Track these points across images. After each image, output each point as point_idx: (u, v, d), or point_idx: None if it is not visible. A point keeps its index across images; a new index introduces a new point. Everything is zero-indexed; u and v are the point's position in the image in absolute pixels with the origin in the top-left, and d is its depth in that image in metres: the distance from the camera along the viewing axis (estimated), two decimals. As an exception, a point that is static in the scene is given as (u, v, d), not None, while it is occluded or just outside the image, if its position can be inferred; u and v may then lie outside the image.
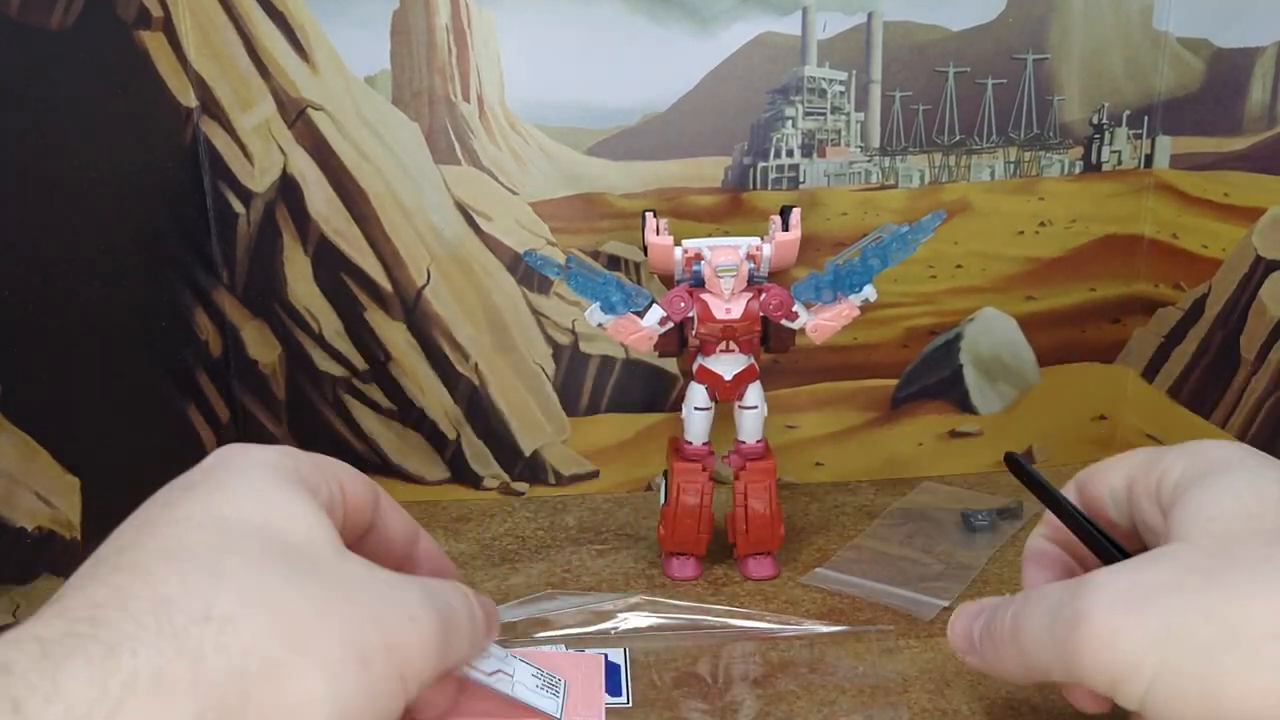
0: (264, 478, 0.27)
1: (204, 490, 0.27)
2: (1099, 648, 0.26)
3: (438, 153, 0.61)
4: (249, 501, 0.26)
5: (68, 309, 0.53)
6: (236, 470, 0.28)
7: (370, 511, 0.32)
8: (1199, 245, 0.61)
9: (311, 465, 0.29)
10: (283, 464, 0.28)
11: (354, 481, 0.31)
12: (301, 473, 0.29)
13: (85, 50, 0.53)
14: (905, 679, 0.44)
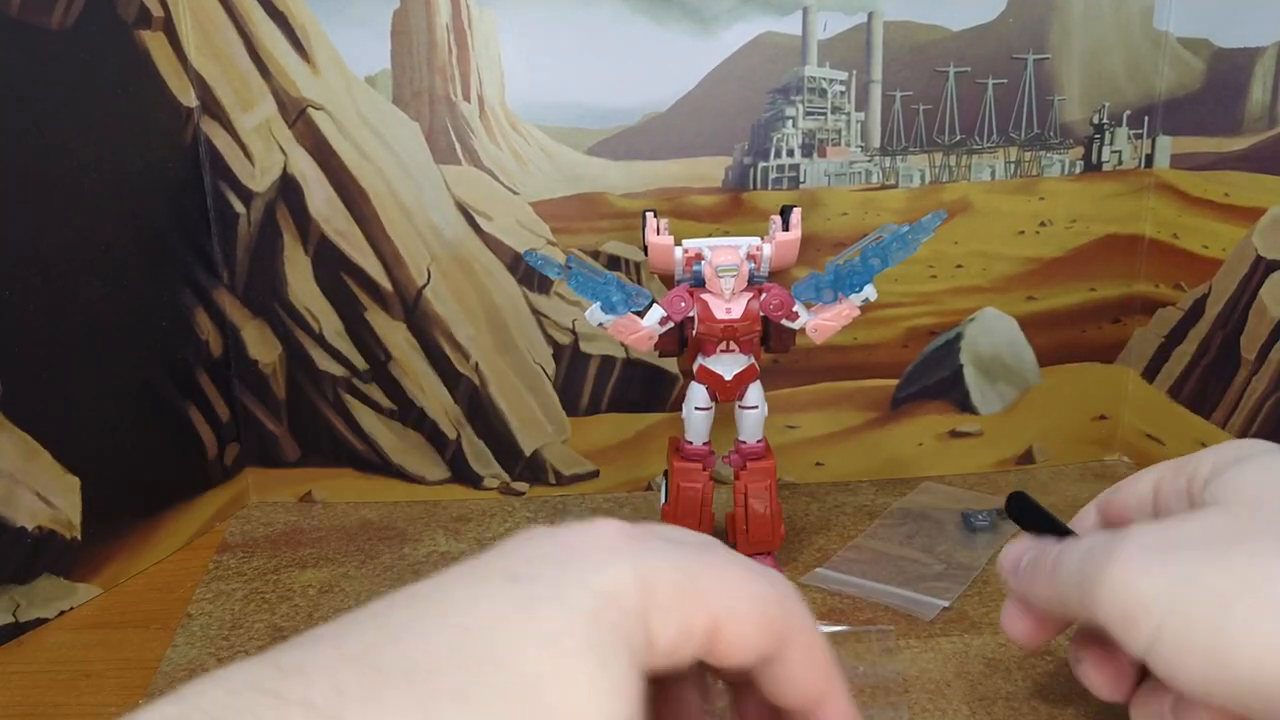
0: (577, 612, 0.20)
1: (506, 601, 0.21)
2: (1118, 587, 0.27)
3: (438, 152, 0.61)
4: (535, 646, 0.20)
5: (68, 309, 0.53)
6: (561, 587, 0.21)
7: (753, 657, 0.23)
8: (1199, 245, 0.61)
9: (664, 599, 0.22)
10: (619, 597, 0.21)
11: (743, 622, 0.23)
12: (644, 610, 0.21)
13: (85, 50, 0.53)
14: (905, 679, 0.44)
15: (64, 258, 0.52)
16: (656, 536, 0.23)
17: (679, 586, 0.22)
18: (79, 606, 0.54)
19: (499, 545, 0.23)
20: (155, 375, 0.59)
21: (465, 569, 0.22)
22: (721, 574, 0.23)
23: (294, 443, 0.66)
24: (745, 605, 0.23)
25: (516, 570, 0.21)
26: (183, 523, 0.61)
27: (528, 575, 0.21)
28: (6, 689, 0.47)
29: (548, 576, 0.21)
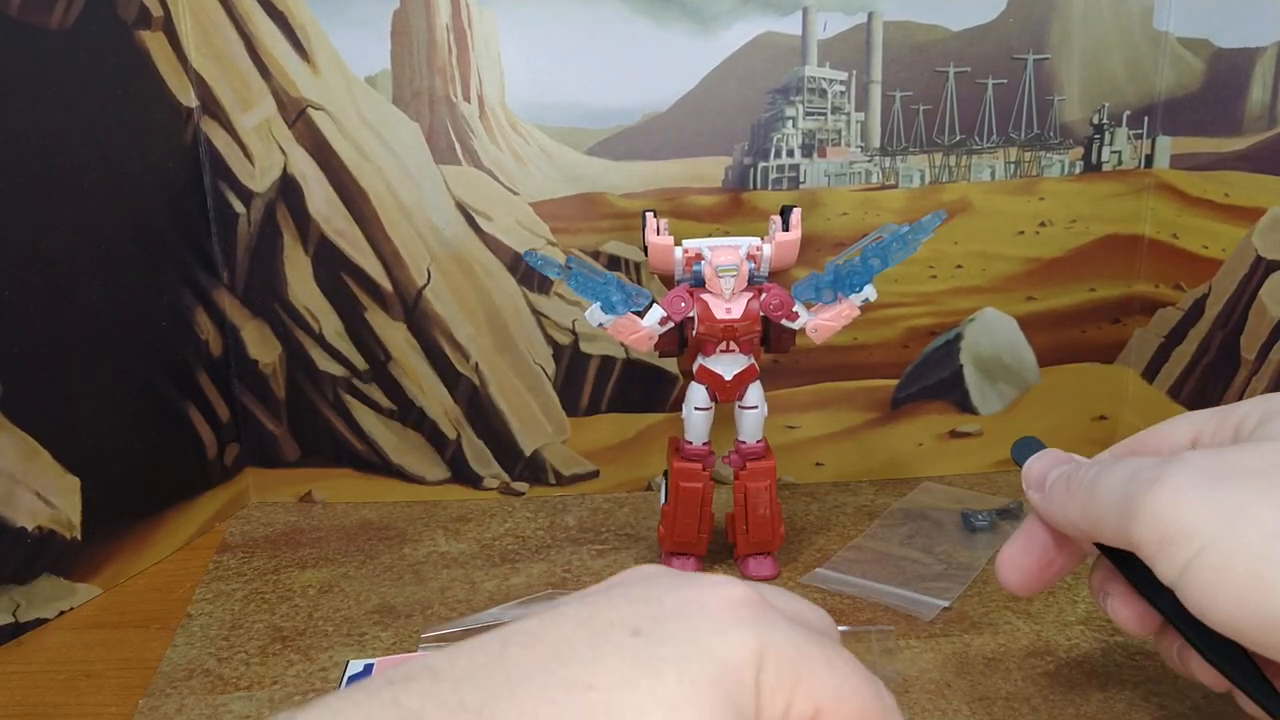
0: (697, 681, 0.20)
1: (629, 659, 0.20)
2: (1164, 506, 0.26)
3: (438, 153, 0.61)
4: (658, 712, 0.20)
5: (68, 309, 0.53)
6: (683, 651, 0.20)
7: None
8: (1199, 245, 0.61)
9: (777, 676, 0.21)
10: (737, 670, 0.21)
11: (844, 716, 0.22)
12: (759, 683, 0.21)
13: (85, 50, 0.53)
14: (905, 679, 0.44)
15: (64, 258, 0.52)
16: (778, 608, 0.23)
17: (794, 666, 0.22)
18: (79, 606, 0.54)
19: (620, 582, 0.23)
20: (155, 375, 0.59)
21: (586, 612, 0.22)
22: (833, 664, 0.23)
23: (294, 443, 0.66)
24: (850, 701, 0.23)
25: (640, 625, 0.21)
26: (183, 523, 0.61)
27: (652, 633, 0.21)
28: (6, 689, 0.47)
29: (673, 636, 0.21)
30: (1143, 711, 0.41)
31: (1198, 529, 0.25)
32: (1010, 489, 0.64)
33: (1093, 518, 0.30)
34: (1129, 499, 0.27)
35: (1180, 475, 0.26)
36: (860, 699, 0.23)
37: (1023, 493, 0.37)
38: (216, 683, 0.46)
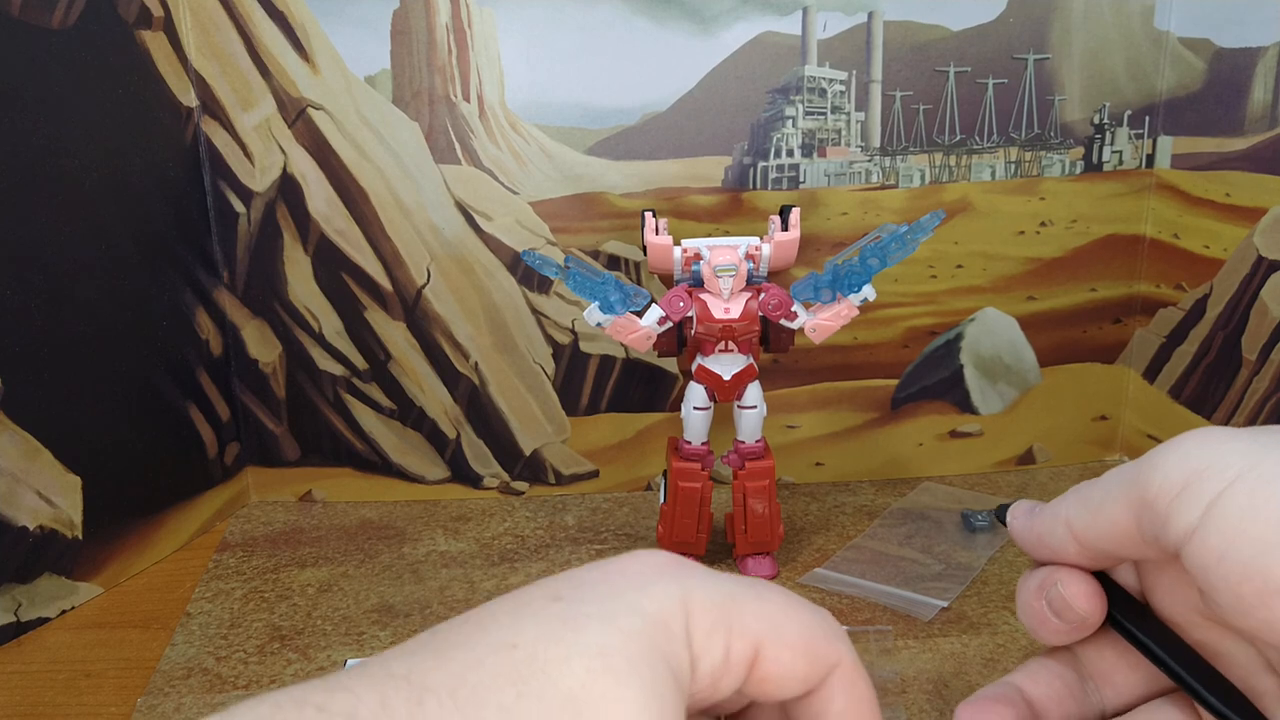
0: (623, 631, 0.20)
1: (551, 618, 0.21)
2: (1187, 449, 0.25)
3: (438, 152, 0.61)
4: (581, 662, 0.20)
5: (68, 309, 0.53)
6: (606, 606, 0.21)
7: (797, 687, 0.23)
8: (1200, 245, 0.61)
9: (708, 622, 0.21)
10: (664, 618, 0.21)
11: (786, 649, 0.22)
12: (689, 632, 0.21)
13: (86, 50, 0.53)
14: (904, 679, 0.44)
15: (64, 258, 0.53)
16: (700, 567, 0.23)
17: (724, 610, 0.22)
18: (80, 606, 0.54)
19: (544, 579, 0.23)
20: (155, 375, 0.59)
21: (511, 595, 0.22)
22: (766, 601, 0.23)
23: (294, 442, 0.66)
24: (789, 632, 0.22)
25: (561, 592, 0.22)
26: (183, 522, 0.61)
27: (573, 596, 0.21)
28: (6, 689, 0.47)
29: (594, 597, 0.21)
30: (1141, 712, 0.41)
31: (1224, 467, 0.24)
32: (1010, 489, 0.64)
33: (1092, 509, 0.27)
34: (1148, 459, 0.25)
35: (1203, 432, 0.25)
36: (799, 627, 0.23)
37: (1023, 491, 0.36)
38: (215, 681, 0.46)
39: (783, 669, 0.22)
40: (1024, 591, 0.30)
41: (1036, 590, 0.29)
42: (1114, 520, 0.26)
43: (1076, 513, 0.28)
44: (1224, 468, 0.24)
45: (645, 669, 0.20)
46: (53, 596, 0.53)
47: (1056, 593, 0.29)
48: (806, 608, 0.23)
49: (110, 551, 0.56)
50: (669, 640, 0.21)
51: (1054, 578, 0.29)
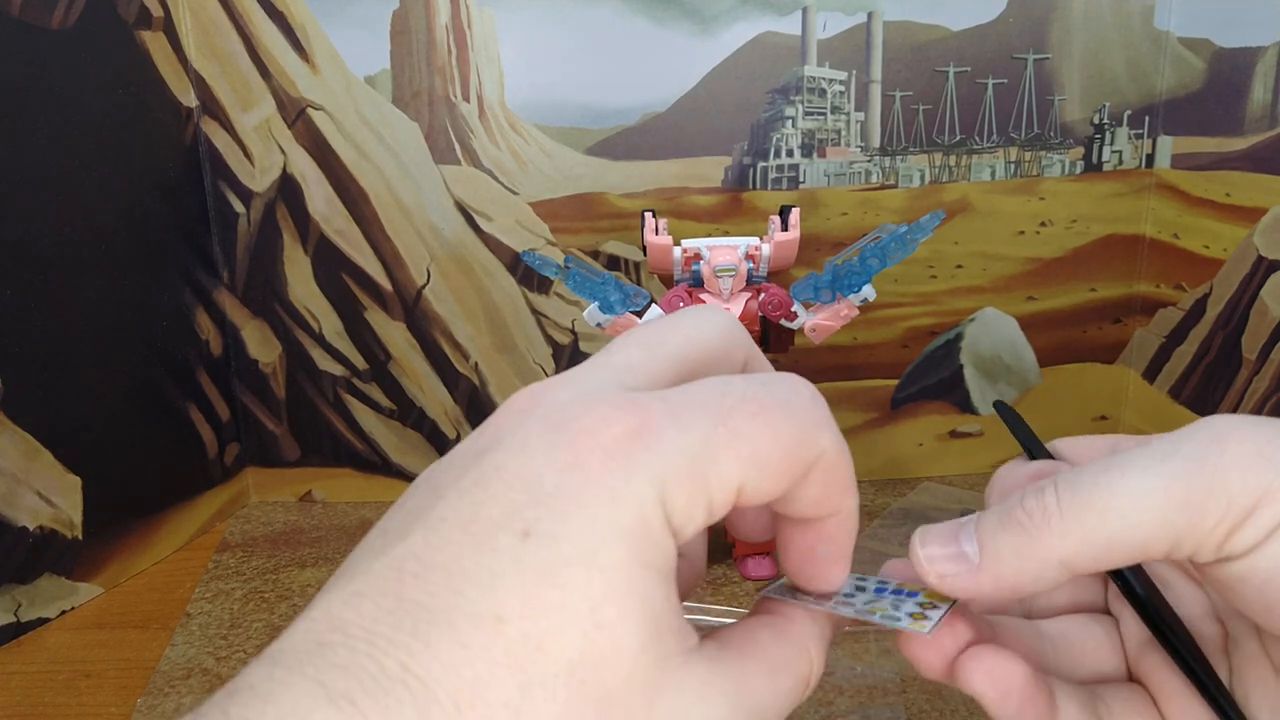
0: (611, 569, 0.19)
1: (533, 559, 0.19)
2: (1250, 459, 0.21)
3: (438, 153, 0.61)
4: (576, 624, 0.19)
5: (68, 309, 0.53)
6: (586, 531, 0.19)
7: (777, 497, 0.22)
8: (1200, 245, 0.61)
9: (689, 496, 0.20)
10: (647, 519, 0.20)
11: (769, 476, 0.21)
12: (671, 518, 0.20)
13: (86, 50, 0.53)
14: (903, 679, 0.44)
15: (64, 258, 0.53)
16: (663, 420, 0.21)
17: (699, 473, 0.20)
18: (80, 606, 0.54)
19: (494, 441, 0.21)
20: (155, 375, 0.59)
21: (467, 512, 0.20)
22: (743, 440, 0.21)
23: (294, 443, 0.66)
24: (772, 461, 0.21)
25: (527, 523, 0.19)
26: (183, 522, 0.61)
27: (542, 529, 0.19)
28: (6, 689, 0.47)
29: (565, 528, 0.19)
30: (1141, 712, 0.41)
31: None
32: (1010, 489, 0.64)
33: (1106, 533, 0.22)
34: (1192, 475, 0.21)
35: (1248, 428, 0.21)
36: (781, 450, 0.21)
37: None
38: (215, 682, 0.46)
39: (764, 491, 0.21)
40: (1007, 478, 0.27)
41: (1028, 479, 0.26)
42: (1148, 541, 0.22)
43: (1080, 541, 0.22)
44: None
45: (635, 601, 0.19)
46: (53, 597, 0.53)
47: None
48: (784, 414, 0.21)
49: (110, 552, 0.56)
50: (651, 547, 0.20)
51: (1053, 469, 0.26)
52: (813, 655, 0.23)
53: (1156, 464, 0.22)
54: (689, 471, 0.20)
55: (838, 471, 0.23)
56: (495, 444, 0.21)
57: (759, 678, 0.22)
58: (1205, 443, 0.21)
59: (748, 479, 0.21)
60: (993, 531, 0.24)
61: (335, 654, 0.18)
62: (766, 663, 0.22)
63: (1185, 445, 0.22)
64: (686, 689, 0.20)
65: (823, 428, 0.22)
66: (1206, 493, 0.21)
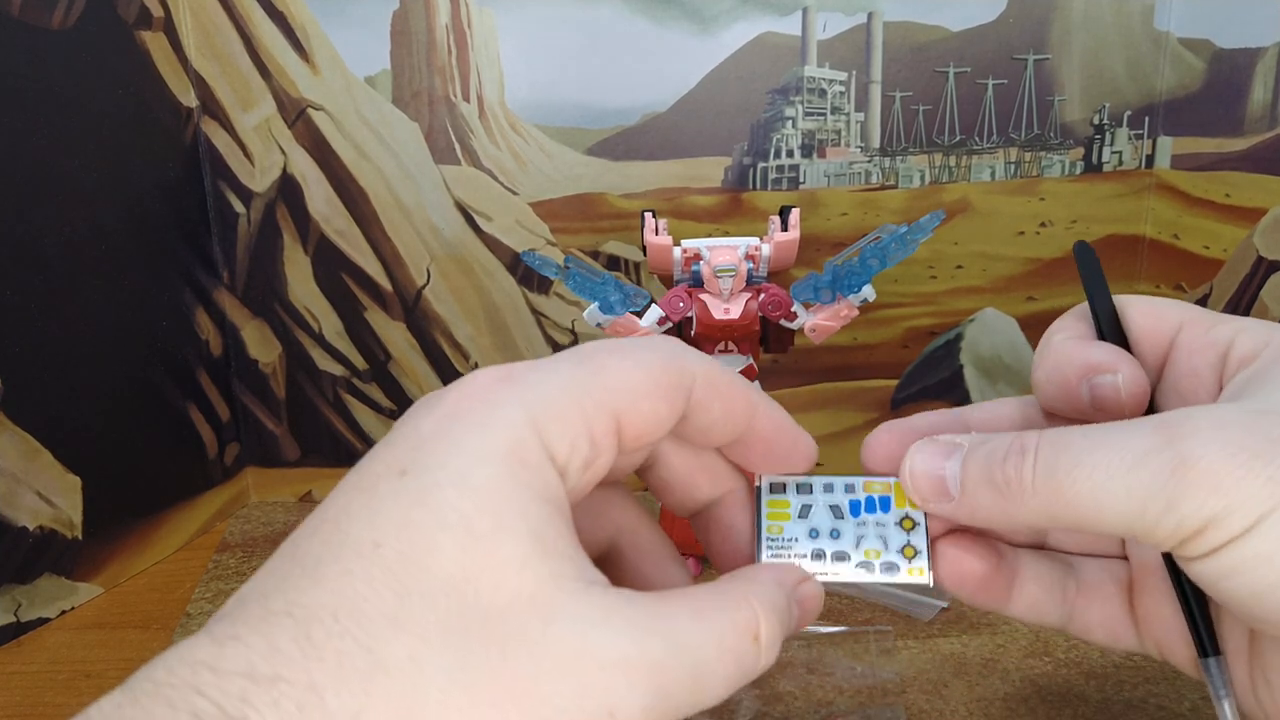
0: (484, 486, 0.20)
1: (410, 491, 0.20)
2: (1206, 492, 0.22)
3: (438, 153, 0.61)
4: (451, 537, 0.19)
5: (68, 309, 0.53)
6: (458, 460, 0.20)
7: (671, 422, 0.23)
8: (1200, 246, 0.61)
9: (565, 423, 0.21)
10: (521, 443, 0.20)
11: (644, 403, 0.22)
12: (547, 444, 0.21)
13: (86, 50, 0.53)
14: (903, 679, 0.44)
15: (64, 258, 0.53)
16: (529, 368, 0.22)
17: (573, 404, 0.21)
18: (80, 606, 0.54)
19: (387, 435, 0.23)
20: (155, 375, 0.59)
21: (356, 474, 0.21)
22: (609, 372, 0.22)
23: (294, 443, 0.66)
24: (641, 388, 0.22)
25: (404, 463, 0.20)
26: (183, 523, 0.61)
27: (417, 464, 0.20)
28: (6, 689, 0.47)
29: (438, 458, 0.20)
30: (1140, 712, 0.41)
31: (1251, 506, 0.21)
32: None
33: (1071, 517, 0.24)
34: (1150, 489, 0.22)
35: (1219, 455, 0.22)
36: (648, 378, 0.22)
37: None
38: (215, 682, 0.46)
39: (647, 422, 0.23)
40: (1062, 361, 0.27)
41: (1081, 369, 0.26)
42: (1111, 528, 0.23)
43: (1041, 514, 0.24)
44: (1245, 510, 0.21)
45: (512, 516, 0.20)
46: (53, 597, 0.53)
47: (1112, 385, 0.26)
48: (647, 351, 0.23)
49: (110, 552, 0.56)
50: (528, 470, 0.20)
51: (1111, 365, 0.26)
52: (755, 607, 0.23)
53: (1124, 471, 0.23)
54: (559, 402, 0.21)
55: (724, 385, 0.24)
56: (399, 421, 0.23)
57: (682, 617, 0.21)
58: (1172, 466, 0.22)
59: (622, 406, 0.22)
60: (975, 481, 0.25)
61: (226, 609, 0.20)
62: (692, 603, 0.22)
63: (1154, 460, 0.22)
64: (586, 615, 0.20)
65: (687, 356, 0.24)
66: (1161, 512, 0.22)
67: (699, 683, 0.21)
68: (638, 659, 0.20)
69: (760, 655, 0.22)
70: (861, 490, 0.28)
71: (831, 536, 0.27)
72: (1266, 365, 0.25)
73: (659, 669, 0.20)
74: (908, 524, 0.27)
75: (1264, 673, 0.26)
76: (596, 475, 0.22)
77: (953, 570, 0.28)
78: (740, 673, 0.22)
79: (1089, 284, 0.29)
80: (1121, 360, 0.26)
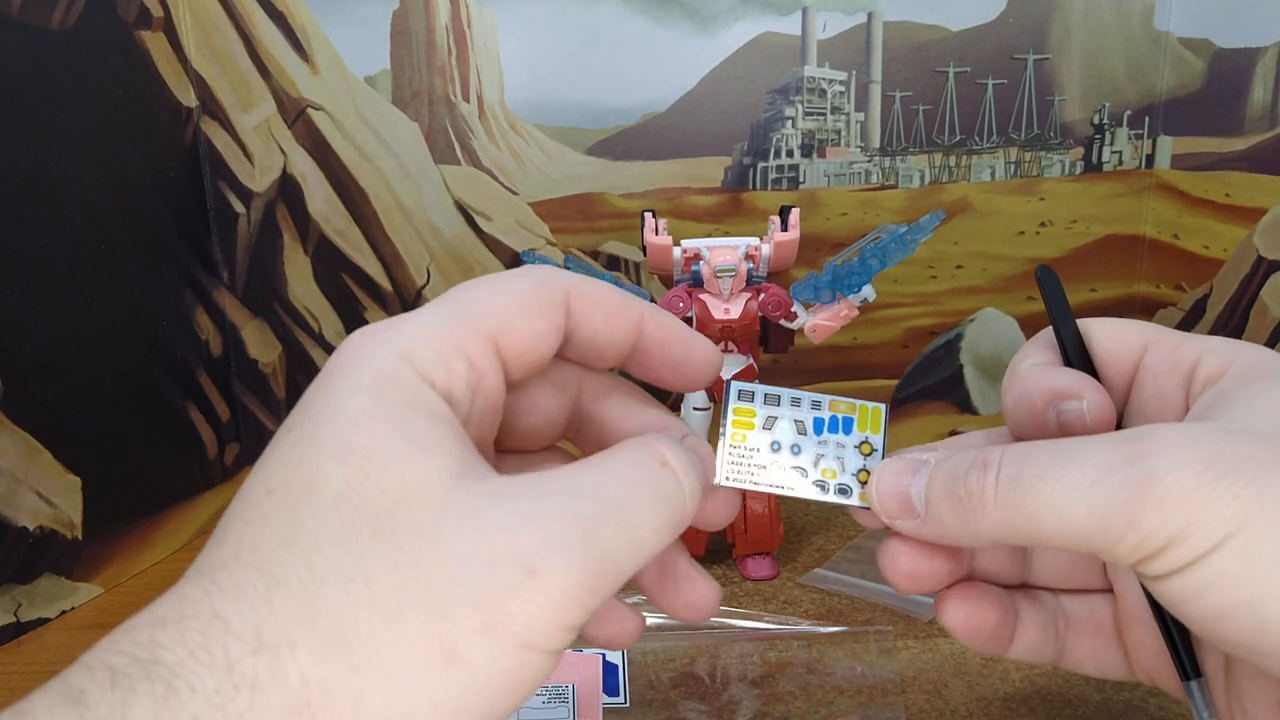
0: (356, 410, 0.21)
1: (294, 439, 0.21)
2: (1170, 509, 0.21)
3: (437, 153, 0.61)
4: (332, 459, 0.20)
5: (68, 309, 0.53)
6: (333, 400, 0.21)
7: (552, 337, 0.24)
8: (1200, 246, 0.61)
9: (436, 350, 0.22)
10: (390, 372, 0.22)
11: (518, 319, 0.23)
12: (419, 370, 0.22)
13: (86, 50, 0.53)
14: (903, 679, 0.44)
15: (64, 258, 0.53)
16: (400, 318, 0.23)
17: (441, 332, 0.22)
18: (80, 606, 0.54)
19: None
20: (155, 375, 0.59)
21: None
22: (472, 300, 0.23)
23: (294, 442, 0.66)
24: (511, 307, 0.23)
25: (289, 423, 0.22)
26: (183, 523, 0.61)
27: (298, 418, 0.22)
28: (6, 689, 0.47)
29: (315, 407, 0.22)
30: (1140, 713, 0.41)
31: (1214, 526, 0.21)
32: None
33: (1032, 530, 0.23)
34: (1110, 506, 0.22)
35: (1184, 473, 0.21)
36: (519, 297, 0.23)
37: None
38: (215, 682, 0.46)
39: (524, 335, 0.23)
40: (1029, 388, 0.27)
41: (1047, 396, 0.26)
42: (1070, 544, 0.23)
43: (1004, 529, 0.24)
44: (1208, 530, 0.21)
45: (385, 427, 0.21)
46: (53, 597, 0.53)
47: (1078, 411, 0.26)
48: (514, 276, 0.24)
49: (110, 552, 0.56)
50: (401, 389, 0.21)
51: (1076, 390, 0.26)
52: (652, 441, 0.23)
53: (1087, 486, 0.22)
54: (426, 334, 0.22)
55: (602, 296, 0.25)
56: None
57: (580, 471, 0.22)
58: (1135, 482, 0.22)
59: (494, 327, 0.23)
60: (938, 497, 0.25)
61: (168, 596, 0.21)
62: (589, 460, 0.22)
63: (1117, 475, 0.22)
64: (477, 498, 0.20)
65: (559, 274, 0.24)
66: (1124, 528, 0.22)
67: (622, 519, 0.21)
68: (545, 511, 0.20)
69: (678, 480, 0.23)
70: (827, 409, 0.28)
71: (792, 452, 0.27)
72: (1232, 384, 0.25)
73: (571, 514, 0.20)
74: (866, 449, 0.28)
75: (1239, 699, 0.26)
76: (490, 395, 0.23)
77: (964, 623, 0.28)
78: (662, 500, 0.22)
79: (1052, 309, 0.29)
80: (1086, 386, 0.26)
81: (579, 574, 0.20)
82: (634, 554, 0.21)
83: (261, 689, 0.18)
